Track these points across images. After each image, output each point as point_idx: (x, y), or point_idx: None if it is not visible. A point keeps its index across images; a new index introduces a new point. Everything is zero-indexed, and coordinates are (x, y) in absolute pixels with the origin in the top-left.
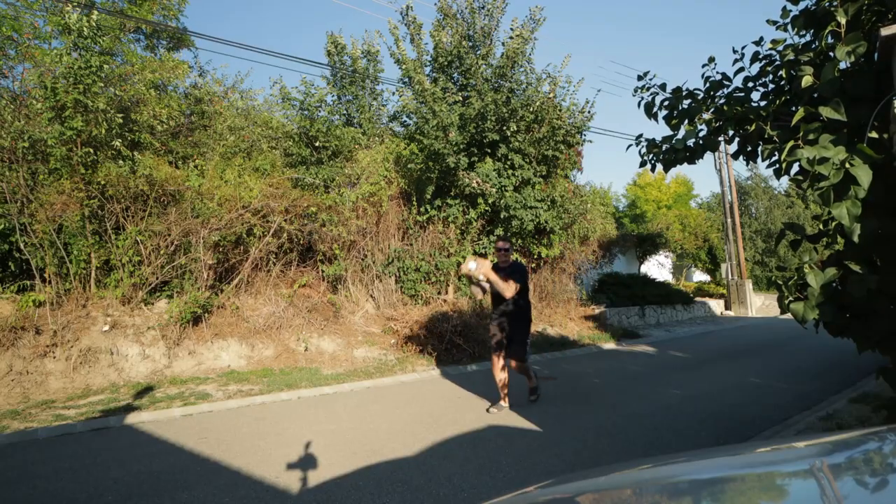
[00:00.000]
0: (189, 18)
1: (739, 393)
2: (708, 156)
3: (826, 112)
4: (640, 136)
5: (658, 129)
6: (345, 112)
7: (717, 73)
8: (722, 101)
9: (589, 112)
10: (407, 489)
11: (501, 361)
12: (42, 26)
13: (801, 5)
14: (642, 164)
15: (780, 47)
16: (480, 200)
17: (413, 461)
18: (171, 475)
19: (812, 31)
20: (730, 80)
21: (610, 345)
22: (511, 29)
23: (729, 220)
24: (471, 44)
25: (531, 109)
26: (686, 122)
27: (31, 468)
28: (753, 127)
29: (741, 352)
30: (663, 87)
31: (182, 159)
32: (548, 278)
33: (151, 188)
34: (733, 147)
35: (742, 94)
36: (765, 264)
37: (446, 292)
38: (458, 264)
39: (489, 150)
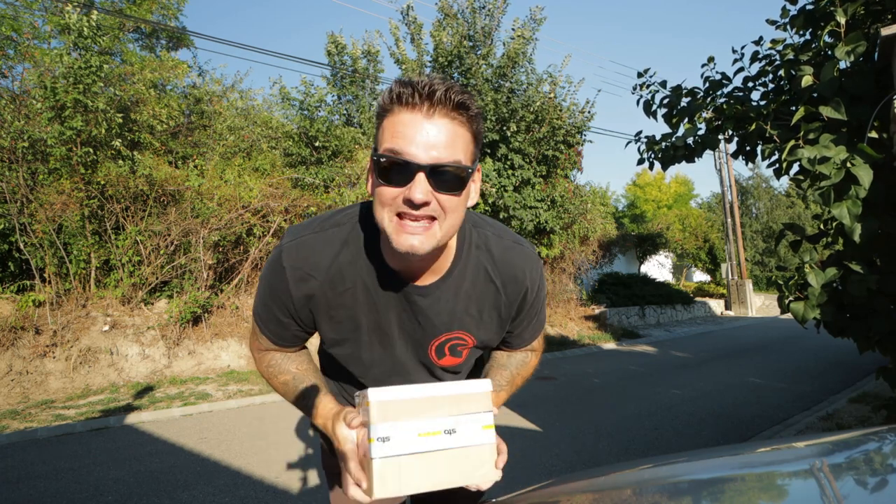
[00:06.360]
0: (188, 18)
1: (739, 393)
2: (708, 155)
3: (826, 112)
4: (640, 132)
5: (658, 128)
6: (345, 112)
7: (717, 72)
8: (722, 100)
9: (589, 112)
10: None
11: None
12: (42, 26)
13: (800, 4)
14: (640, 162)
15: (780, 47)
16: (480, 200)
17: None
18: (171, 475)
19: (811, 30)
20: (729, 79)
21: (610, 345)
22: (512, 29)
23: (729, 220)
24: (471, 44)
25: (531, 109)
26: (685, 120)
27: (31, 468)
28: (753, 126)
29: (741, 352)
30: (663, 84)
31: (182, 159)
32: (547, 278)
33: (151, 188)
34: (733, 146)
35: (742, 94)
36: (765, 264)
37: None
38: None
39: (489, 150)
